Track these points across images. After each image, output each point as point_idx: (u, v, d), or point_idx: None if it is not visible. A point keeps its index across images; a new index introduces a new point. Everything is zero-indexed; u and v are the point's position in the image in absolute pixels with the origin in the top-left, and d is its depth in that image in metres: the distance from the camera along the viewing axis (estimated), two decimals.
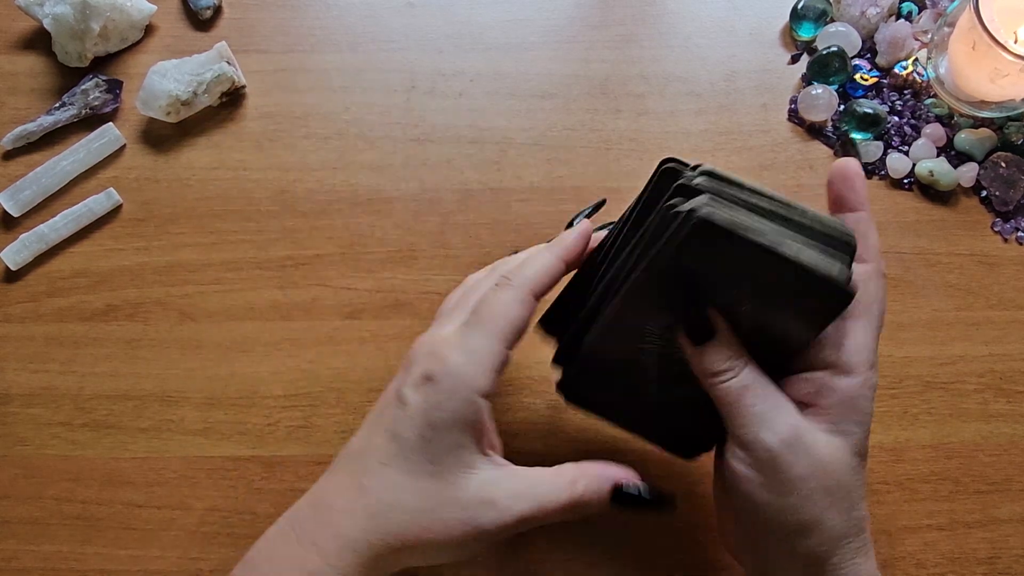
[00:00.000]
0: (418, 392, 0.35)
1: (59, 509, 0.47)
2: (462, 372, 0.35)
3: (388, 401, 0.36)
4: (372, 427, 0.36)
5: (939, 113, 0.54)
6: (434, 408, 0.34)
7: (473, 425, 0.35)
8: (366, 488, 0.34)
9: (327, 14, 0.58)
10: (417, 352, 0.36)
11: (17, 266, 0.51)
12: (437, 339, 0.36)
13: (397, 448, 0.34)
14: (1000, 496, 0.48)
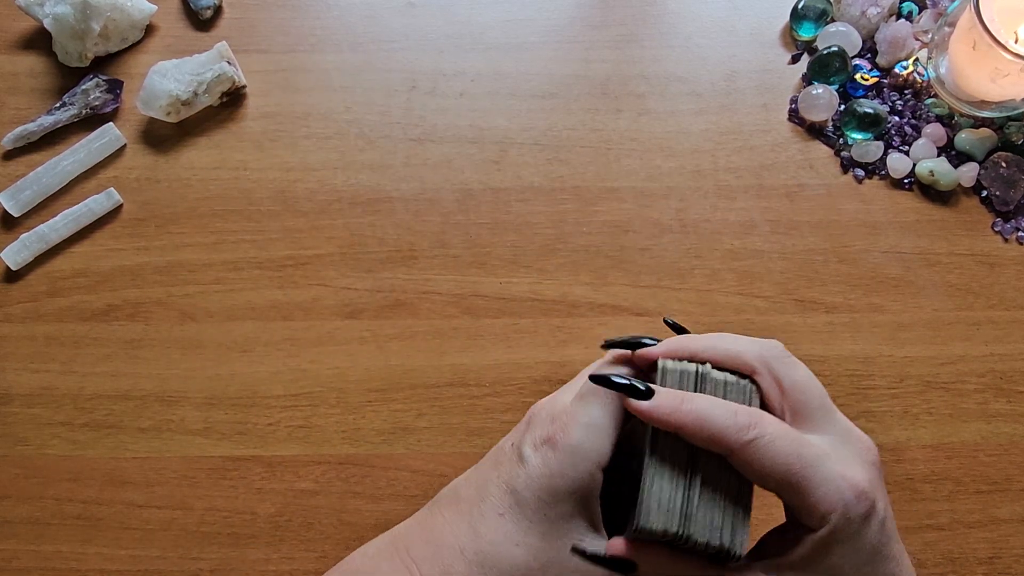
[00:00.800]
0: (538, 454, 0.35)
1: (59, 509, 0.47)
2: (583, 445, 0.35)
3: (505, 455, 0.36)
4: (486, 477, 0.37)
5: (939, 113, 0.54)
6: (555, 475, 0.34)
7: (589, 498, 0.35)
8: (480, 533, 0.35)
9: (327, 14, 0.58)
10: (539, 414, 0.36)
11: (17, 266, 0.51)
12: (558, 406, 0.36)
13: (514, 503, 0.35)
14: (1000, 496, 0.48)
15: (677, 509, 0.33)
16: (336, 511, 0.47)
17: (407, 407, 0.49)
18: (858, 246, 0.52)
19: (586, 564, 0.35)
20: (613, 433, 0.35)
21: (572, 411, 0.36)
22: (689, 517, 0.33)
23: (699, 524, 0.33)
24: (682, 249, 0.52)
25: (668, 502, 0.33)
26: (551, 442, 0.35)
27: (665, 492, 0.34)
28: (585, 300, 0.51)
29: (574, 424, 0.35)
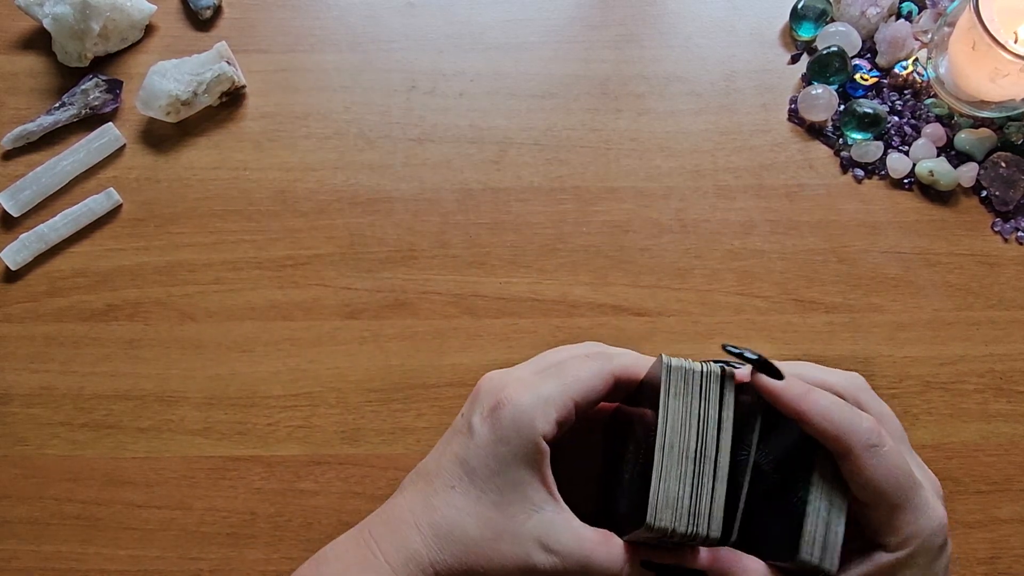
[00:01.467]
0: (484, 423, 0.36)
1: (59, 509, 0.47)
2: (527, 411, 0.35)
3: (458, 428, 0.38)
4: (442, 451, 0.38)
5: (939, 113, 0.54)
6: (499, 442, 0.35)
7: (538, 466, 0.36)
8: (434, 507, 0.36)
9: (327, 14, 0.58)
10: (487, 384, 0.37)
11: (17, 266, 0.51)
12: (509, 377, 0.37)
13: (464, 474, 0.36)
14: (1000, 496, 0.48)
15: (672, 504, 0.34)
16: (336, 511, 0.47)
17: (407, 407, 0.49)
18: (858, 246, 0.52)
19: (541, 531, 0.35)
20: (562, 411, 0.36)
21: (524, 380, 0.36)
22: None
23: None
24: (682, 249, 0.52)
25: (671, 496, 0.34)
26: (497, 408, 0.35)
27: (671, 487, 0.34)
28: (585, 300, 0.51)
29: (522, 392, 0.35)
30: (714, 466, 0.34)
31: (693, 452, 0.34)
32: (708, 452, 0.34)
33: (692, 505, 0.33)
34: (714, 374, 0.35)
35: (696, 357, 0.50)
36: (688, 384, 0.35)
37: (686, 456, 0.34)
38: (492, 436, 0.35)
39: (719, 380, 0.35)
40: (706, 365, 0.35)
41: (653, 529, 0.33)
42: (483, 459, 0.35)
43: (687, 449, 0.34)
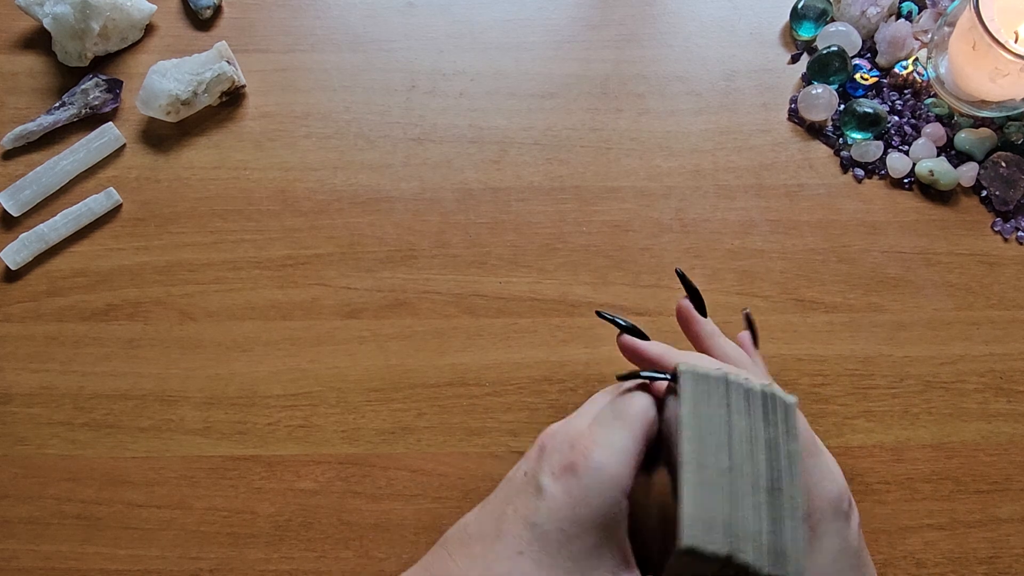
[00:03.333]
0: (558, 483, 0.32)
1: (59, 509, 0.47)
2: (608, 468, 0.32)
3: (519, 488, 0.34)
4: (500, 512, 0.34)
5: (939, 113, 0.54)
6: (579, 503, 0.32)
7: (616, 526, 0.33)
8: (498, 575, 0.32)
9: (327, 14, 0.58)
10: (552, 441, 0.34)
11: (17, 266, 0.51)
12: (574, 431, 0.34)
13: (534, 538, 0.32)
14: (1000, 496, 0.48)
15: (720, 524, 0.30)
16: (336, 511, 0.47)
17: (407, 407, 0.49)
18: (858, 246, 0.52)
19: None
20: (637, 457, 0.33)
21: (592, 434, 0.33)
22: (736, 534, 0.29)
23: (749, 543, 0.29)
24: (682, 249, 0.52)
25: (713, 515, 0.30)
26: (572, 468, 0.32)
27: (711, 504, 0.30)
28: (585, 300, 0.51)
29: (596, 448, 0.32)
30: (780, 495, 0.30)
31: (731, 463, 0.31)
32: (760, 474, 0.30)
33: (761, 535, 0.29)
34: (752, 391, 0.32)
35: None
36: (712, 393, 0.32)
37: (723, 471, 0.30)
38: (569, 498, 0.32)
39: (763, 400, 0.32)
40: (729, 372, 0.32)
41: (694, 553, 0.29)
42: (558, 523, 0.32)
43: (724, 462, 0.31)
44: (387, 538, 0.47)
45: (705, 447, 0.31)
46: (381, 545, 0.47)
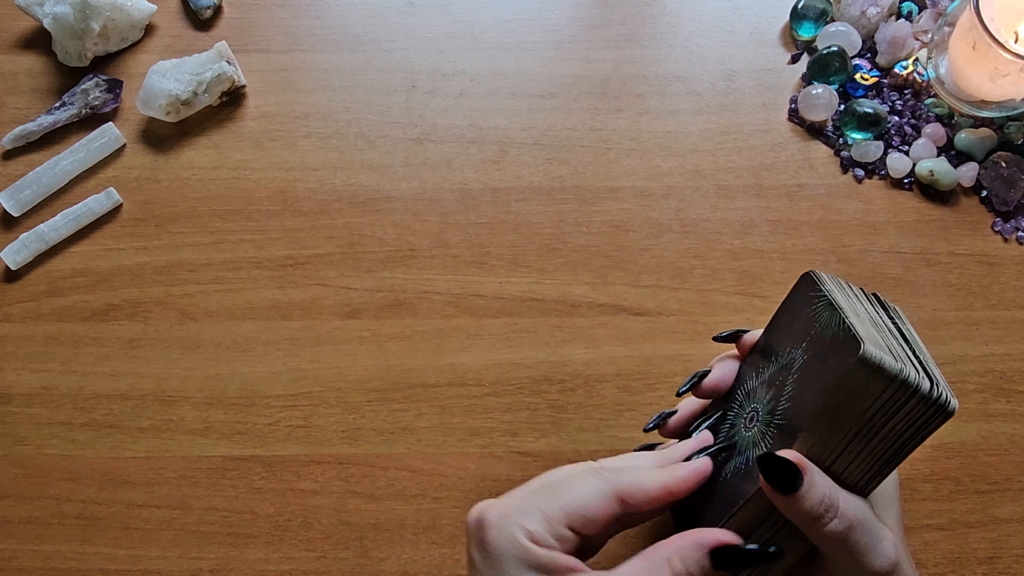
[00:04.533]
0: (477, 551, 0.34)
1: (59, 509, 0.47)
2: (510, 513, 0.33)
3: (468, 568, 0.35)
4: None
5: (939, 113, 0.54)
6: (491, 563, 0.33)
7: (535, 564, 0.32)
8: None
9: (327, 14, 0.58)
10: (472, 514, 0.35)
11: (17, 266, 0.51)
12: (493, 501, 0.34)
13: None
14: (1000, 496, 0.48)
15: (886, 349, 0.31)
16: (336, 511, 0.47)
17: (407, 407, 0.49)
18: (858, 246, 0.52)
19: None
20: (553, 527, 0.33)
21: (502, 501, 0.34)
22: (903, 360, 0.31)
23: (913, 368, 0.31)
24: (682, 249, 0.52)
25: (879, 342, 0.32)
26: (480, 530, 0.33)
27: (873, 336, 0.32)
28: (585, 300, 0.51)
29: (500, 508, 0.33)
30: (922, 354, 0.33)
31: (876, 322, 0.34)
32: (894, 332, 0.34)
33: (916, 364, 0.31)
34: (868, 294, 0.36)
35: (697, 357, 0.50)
36: (839, 286, 0.36)
37: (875, 324, 0.33)
38: (485, 560, 0.33)
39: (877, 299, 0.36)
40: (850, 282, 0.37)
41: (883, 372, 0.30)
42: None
43: (874, 320, 0.34)
44: (387, 538, 0.47)
45: (852, 307, 0.33)
46: (381, 545, 0.47)
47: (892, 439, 0.31)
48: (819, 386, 0.32)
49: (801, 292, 0.37)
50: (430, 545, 0.47)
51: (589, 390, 0.49)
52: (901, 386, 0.30)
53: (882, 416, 0.31)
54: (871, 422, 0.31)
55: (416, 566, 0.46)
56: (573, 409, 0.49)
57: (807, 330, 0.35)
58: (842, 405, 0.31)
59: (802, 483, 0.32)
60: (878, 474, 0.33)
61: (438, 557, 0.46)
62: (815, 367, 0.33)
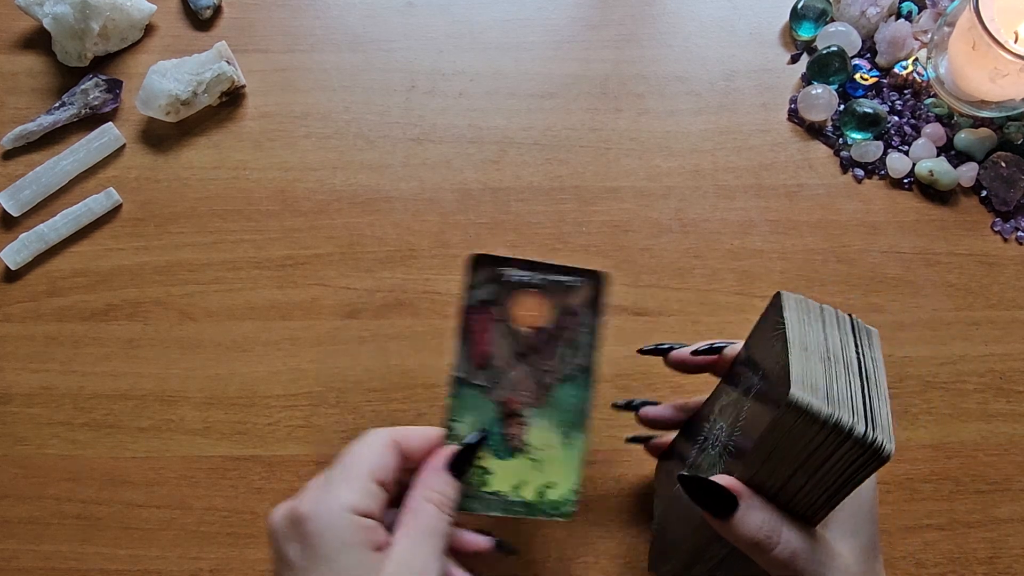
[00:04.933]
0: (295, 547, 0.35)
1: (59, 509, 0.47)
2: (322, 498, 0.34)
3: (278, 573, 0.36)
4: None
5: (939, 113, 0.54)
6: (319, 553, 0.34)
7: (363, 541, 0.34)
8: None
9: (327, 14, 0.58)
10: (275, 517, 0.36)
11: (17, 266, 0.51)
12: (292, 498, 0.36)
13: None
14: (1000, 496, 0.48)
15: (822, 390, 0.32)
16: None
17: (407, 407, 0.49)
18: (858, 246, 0.52)
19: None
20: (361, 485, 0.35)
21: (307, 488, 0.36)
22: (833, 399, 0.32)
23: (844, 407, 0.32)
24: (682, 249, 0.52)
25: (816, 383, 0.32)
26: (297, 526, 0.35)
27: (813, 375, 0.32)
28: None
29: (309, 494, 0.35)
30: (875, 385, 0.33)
31: (829, 355, 0.34)
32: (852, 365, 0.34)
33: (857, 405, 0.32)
34: (842, 317, 0.36)
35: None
36: (809, 312, 0.36)
37: (826, 359, 0.33)
38: (308, 553, 0.34)
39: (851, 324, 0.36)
40: (825, 306, 0.36)
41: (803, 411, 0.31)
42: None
43: (828, 353, 0.34)
44: None
45: (806, 339, 0.34)
46: None
47: (833, 476, 0.32)
48: (761, 420, 0.33)
49: (769, 314, 0.37)
50: None
51: None
52: (833, 429, 0.31)
53: (820, 455, 0.32)
54: (810, 459, 0.32)
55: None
56: None
57: (765, 357, 0.35)
58: (779, 443, 0.32)
59: (737, 509, 0.33)
60: (824, 506, 0.33)
61: None
62: (763, 398, 0.34)
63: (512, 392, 0.39)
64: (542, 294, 0.39)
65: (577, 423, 0.40)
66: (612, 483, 0.47)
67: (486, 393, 0.39)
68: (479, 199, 0.53)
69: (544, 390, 0.40)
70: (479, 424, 0.39)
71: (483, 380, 0.39)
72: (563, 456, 0.40)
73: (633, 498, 0.47)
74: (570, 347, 0.39)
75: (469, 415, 0.39)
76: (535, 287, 0.39)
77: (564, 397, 0.40)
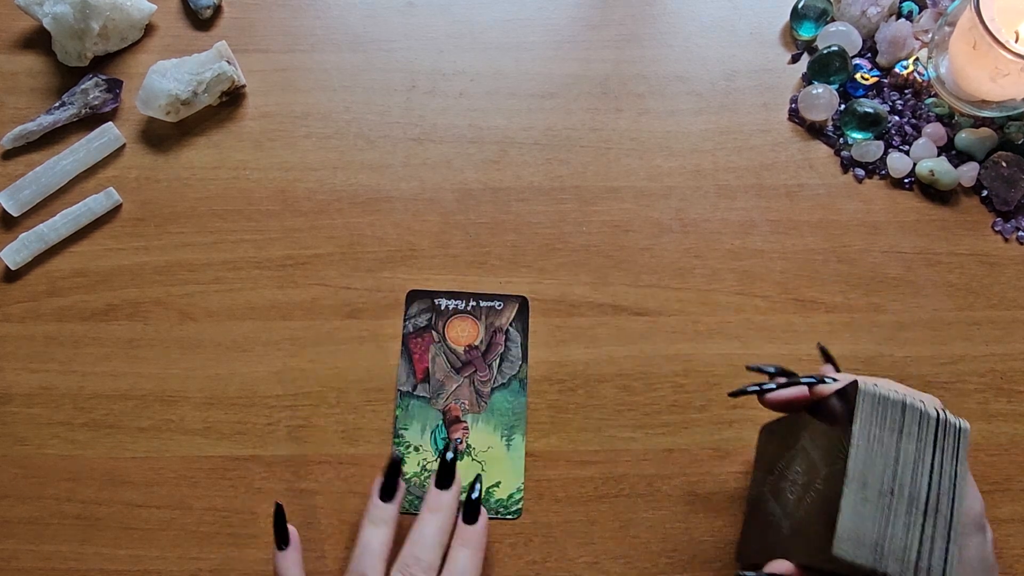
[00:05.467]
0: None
1: (59, 509, 0.47)
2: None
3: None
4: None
5: (940, 112, 0.54)
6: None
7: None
8: None
9: (327, 14, 0.58)
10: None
11: (17, 266, 0.51)
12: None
13: None
14: (1000, 496, 0.48)
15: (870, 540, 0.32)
16: (336, 511, 0.47)
17: None
18: (858, 246, 0.52)
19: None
20: None
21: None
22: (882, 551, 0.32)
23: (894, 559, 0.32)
24: (682, 249, 0.52)
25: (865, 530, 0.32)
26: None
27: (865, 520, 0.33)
28: (585, 300, 0.51)
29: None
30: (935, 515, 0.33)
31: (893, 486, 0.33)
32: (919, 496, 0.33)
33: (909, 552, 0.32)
34: (927, 416, 0.34)
35: (697, 357, 0.50)
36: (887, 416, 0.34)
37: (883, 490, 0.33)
38: None
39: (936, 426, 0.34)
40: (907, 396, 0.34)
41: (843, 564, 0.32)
42: None
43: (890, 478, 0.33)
44: None
45: (870, 467, 0.33)
46: None
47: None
48: (815, 536, 0.34)
49: (844, 403, 0.35)
50: None
51: (589, 390, 0.49)
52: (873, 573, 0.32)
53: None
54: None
55: None
56: (573, 409, 0.49)
57: (831, 455, 0.35)
58: (829, 562, 0.33)
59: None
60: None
61: None
62: (821, 507, 0.34)
63: (453, 401, 0.46)
64: (472, 317, 0.47)
65: (516, 426, 0.46)
66: (612, 483, 0.47)
67: (429, 403, 0.46)
68: (479, 199, 0.53)
69: (481, 398, 0.46)
70: (425, 430, 0.46)
71: (426, 392, 0.47)
72: (506, 457, 0.46)
73: (634, 497, 0.47)
74: (501, 360, 0.46)
75: (415, 422, 0.46)
76: (466, 312, 0.48)
77: (500, 403, 0.46)
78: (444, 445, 0.45)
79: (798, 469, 0.38)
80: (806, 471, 0.37)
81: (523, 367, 0.46)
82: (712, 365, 0.50)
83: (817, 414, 0.39)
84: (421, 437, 0.46)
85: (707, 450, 0.48)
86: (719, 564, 0.46)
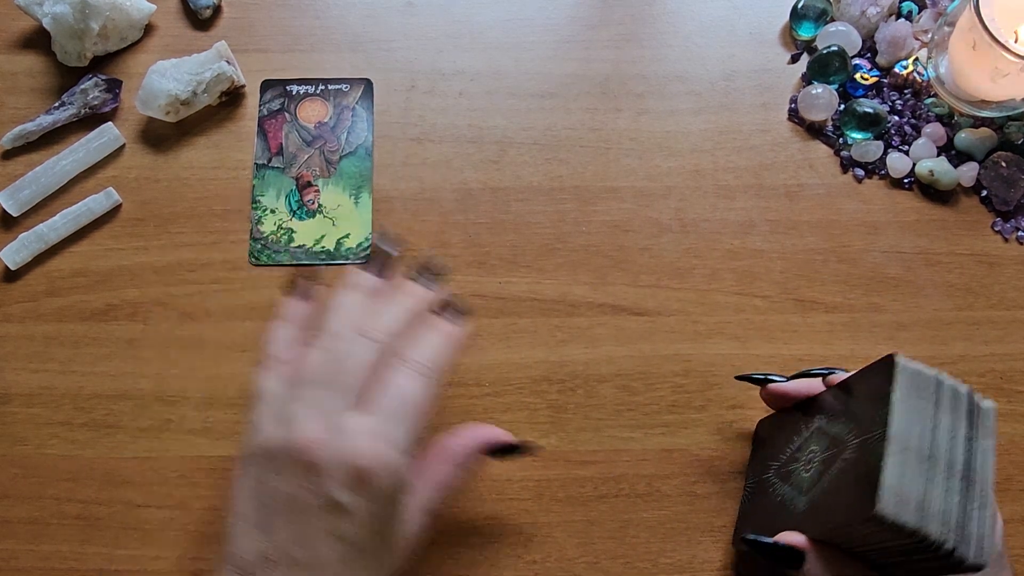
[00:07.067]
0: (359, 496, 0.33)
1: (59, 509, 0.47)
2: (401, 473, 0.34)
3: (309, 505, 0.33)
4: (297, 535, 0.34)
5: (939, 112, 0.54)
6: (384, 511, 0.34)
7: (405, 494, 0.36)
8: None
9: (327, 14, 0.58)
10: (327, 452, 0.33)
11: (16, 266, 0.51)
12: (357, 432, 0.34)
13: (356, 555, 0.33)
14: (1000, 496, 0.48)
15: (913, 500, 0.32)
16: None
17: None
18: (858, 246, 0.52)
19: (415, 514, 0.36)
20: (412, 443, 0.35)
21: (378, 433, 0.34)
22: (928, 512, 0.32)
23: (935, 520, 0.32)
24: (682, 249, 0.52)
25: (908, 491, 0.32)
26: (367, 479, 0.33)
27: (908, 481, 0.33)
28: (584, 300, 0.51)
29: (388, 451, 0.34)
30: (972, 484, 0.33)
31: (932, 452, 0.34)
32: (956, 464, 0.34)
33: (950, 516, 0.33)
34: (959, 392, 0.35)
35: (697, 357, 0.50)
36: (922, 388, 0.35)
37: (924, 457, 0.33)
38: (375, 507, 0.33)
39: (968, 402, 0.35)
40: (938, 373, 0.36)
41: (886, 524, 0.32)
42: (371, 530, 0.33)
43: (929, 448, 0.34)
44: None
45: (910, 433, 0.34)
46: None
47: (907, 567, 0.34)
48: (845, 503, 0.34)
49: (877, 376, 0.36)
50: (428, 545, 0.47)
51: (589, 390, 0.49)
52: (921, 541, 0.32)
53: (899, 552, 0.33)
54: (888, 552, 0.33)
55: (415, 564, 0.46)
56: (573, 409, 0.49)
57: (863, 426, 0.35)
58: (856, 534, 0.33)
59: (804, 561, 0.35)
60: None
61: (438, 556, 0.46)
62: (853, 474, 0.35)
63: (305, 169, 0.51)
64: (322, 99, 0.53)
65: (363, 186, 0.51)
66: (612, 483, 0.47)
67: (283, 172, 0.52)
68: (479, 199, 0.53)
69: (331, 165, 0.51)
70: (280, 194, 0.51)
71: (280, 164, 0.52)
72: (354, 211, 0.51)
73: (633, 498, 0.47)
74: (348, 132, 0.52)
75: (271, 189, 0.52)
76: (316, 95, 0.53)
77: (348, 168, 0.52)
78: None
79: (814, 448, 0.38)
80: (826, 447, 0.37)
81: (367, 137, 0.52)
82: (711, 365, 0.50)
83: (808, 410, 0.40)
84: (277, 201, 0.51)
85: (707, 450, 0.48)
86: (719, 564, 0.46)
